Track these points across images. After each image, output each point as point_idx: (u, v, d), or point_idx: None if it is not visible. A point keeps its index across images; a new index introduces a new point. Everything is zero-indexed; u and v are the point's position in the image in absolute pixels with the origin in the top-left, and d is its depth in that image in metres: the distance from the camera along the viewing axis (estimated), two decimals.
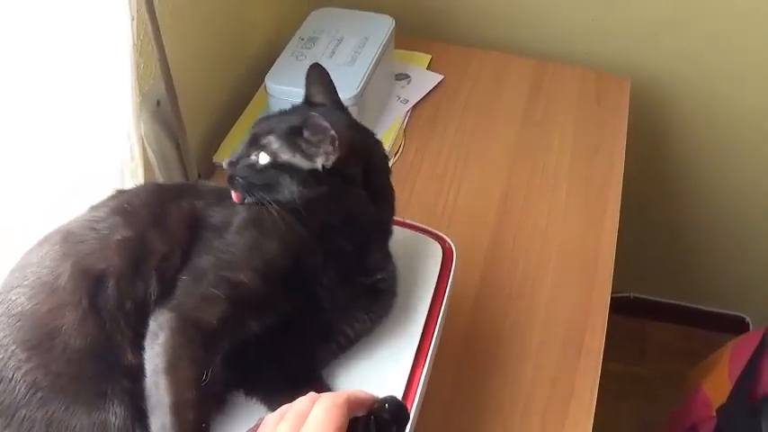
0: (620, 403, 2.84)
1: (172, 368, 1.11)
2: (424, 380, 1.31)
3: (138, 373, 1.15)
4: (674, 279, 3.20)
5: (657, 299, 3.28)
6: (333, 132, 1.22)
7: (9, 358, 1.12)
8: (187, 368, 1.12)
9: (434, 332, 1.36)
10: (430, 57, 2.41)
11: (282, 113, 1.35)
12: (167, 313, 1.15)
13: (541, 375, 1.69)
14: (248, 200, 1.27)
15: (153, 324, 1.15)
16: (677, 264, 3.15)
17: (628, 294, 3.19)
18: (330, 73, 1.52)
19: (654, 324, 3.33)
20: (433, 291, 1.40)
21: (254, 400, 1.28)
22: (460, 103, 2.30)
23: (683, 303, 3.28)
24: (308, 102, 1.40)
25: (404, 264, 1.41)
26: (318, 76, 1.41)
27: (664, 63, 2.51)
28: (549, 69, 2.43)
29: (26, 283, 1.18)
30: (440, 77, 2.34)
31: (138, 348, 1.16)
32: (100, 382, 1.13)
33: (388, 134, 2.12)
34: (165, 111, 1.73)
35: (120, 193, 1.35)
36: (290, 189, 1.25)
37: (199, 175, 1.87)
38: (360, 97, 1.94)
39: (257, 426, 1.01)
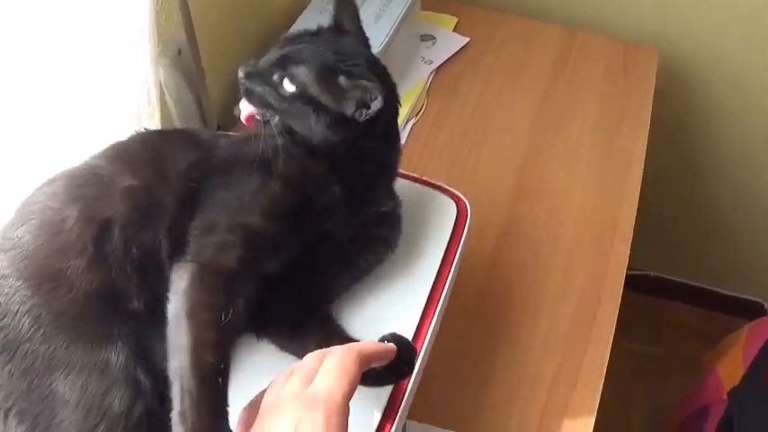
0: (633, 382, 2.83)
1: (192, 312, 1.11)
2: (431, 334, 1.30)
3: (143, 318, 1.16)
4: (695, 260, 3.16)
5: (677, 279, 3.25)
6: (378, 96, 1.21)
7: (15, 293, 1.11)
8: (207, 312, 1.11)
9: (444, 288, 1.34)
10: (456, 19, 2.39)
11: (313, 39, 1.30)
12: (186, 265, 1.15)
13: (552, 343, 1.68)
14: (259, 118, 1.26)
15: (173, 276, 1.14)
16: (698, 244, 3.11)
17: (648, 273, 3.16)
18: None
19: (672, 304, 3.30)
20: (445, 247, 1.39)
21: (266, 340, 1.28)
22: (485, 67, 2.28)
23: (702, 285, 3.25)
24: (336, 27, 1.34)
25: (418, 219, 1.40)
26: (348, 5, 1.37)
27: (692, 36, 2.47)
28: (576, 38, 2.39)
29: (32, 221, 1.18)
30: (465, 40, 2.32)
31: (145, 294, 1.16)
32: (104, 324, 1.12)
33: (410, 93, 2.10)
34: (186, 60, 1.71)
35: (119, 143, 1.32)
36: (312, 126, 1.24)
37: (218, 126, 1.86)
38: (382, 55, 1.90)
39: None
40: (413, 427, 1.51)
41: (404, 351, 1.16)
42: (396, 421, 1.19)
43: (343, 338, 1.26)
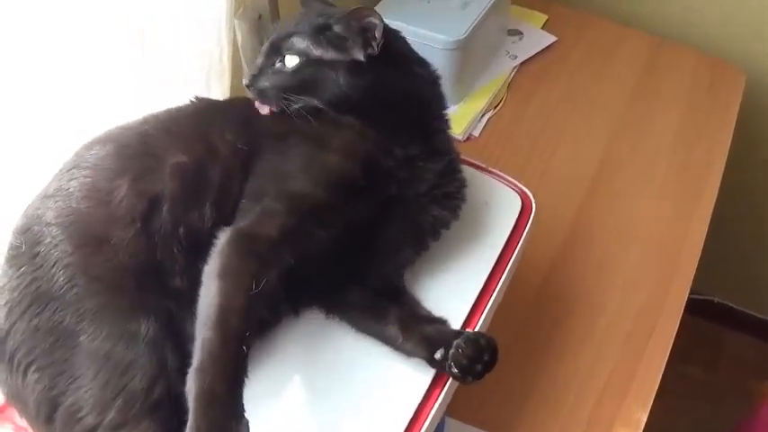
0: (682, 405, 2.76)
1: (224, 274, 1.08)
2: (481, 327, 1.27)
3: (184, 295, 1.13)
4: (762, 290, 3.07)
5: (740, 308, 3.15)
6: (374, 16, 1.20)
7: (56, 246, 1.10)
8: (238, 276, 1.08)
9: (499, 282, 1.31)
10: (546, 17, 2.35)
11: (293, 20, 1.29)
12: (228, 230, 1.12)
13: (603, 358, 1.64)
14: (286, 107, 1.23)
15: (214, 243, 1.12)
16: (766, 276, 3.02)
17: (711, 298, 3.08)
18: (440, 14, 1.46)
19: (732, 333, 3.21)
20: (504, 241, 1.35)
21: (336, 318, 1.26)
22: (570, 67, 2.23)
23: (764, 317, 3.15)
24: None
25: (481, 208, 1.38)
26: None
27: None
28: (665, 48, 2.33)
29: (84, 180, 1.17)
30: (553, 39, 2.27)
31: (188, 273, 1.14)
32: (139, 296, 1.10)
33: (490, 86, 2.07)
34: (265, 26, 1.70)
35: (171, 111, 1.31)
36: (334, 82, 1.22)
37: None
38: (465, 42, 1.89)
39: None
40: (451, 424, 1.48)
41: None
42: (431, 416, 1.16)
43: (422, 316, 1.23)
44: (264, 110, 1.26)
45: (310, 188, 1.17)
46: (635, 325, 1.69)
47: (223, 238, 1.11)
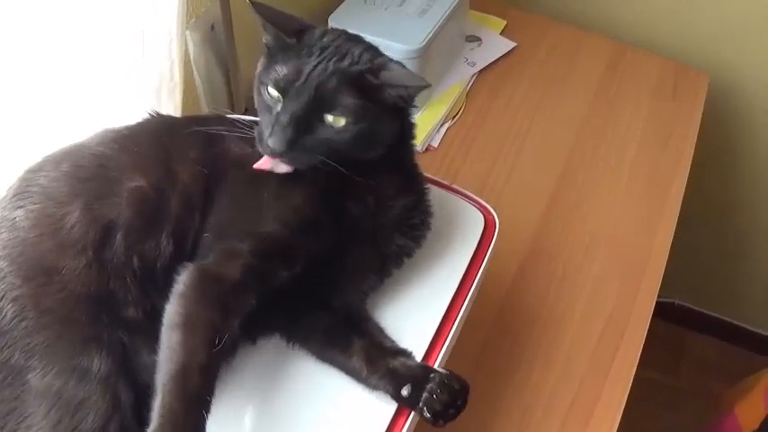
0: (645, 410, 2.74)
1: (187, 325, 1.04)
2: (446, 351, 1.23)
3: (138, 326, 1.09)
4: (723, 292, 3.07)
5: (702, 309, 3.16)
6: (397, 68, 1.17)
7: (3, 277, 1.05)
8: (202, 329, 1.04)
9: (462, 305, 1.27)
10: (505, 22, 2.31)
11: (302, 64, 1.14)
12: (190, 269, 1.08)
13: (571, 371, 1.60)
14: (313, 167, 1.15)
15: (177, 278, 1.08)
16: (729, 276, 3.02)
17: (672, 300, 3.07)
18: (397, 22, 1.41)
19: (694, 335, 3.21)
20: (468, 261, 1.31)
21: (297, 346, 1.21)
22: (530, 74, 2.20)
23: (727, 319, 3.15)
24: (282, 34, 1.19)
25: (443, 229, 1.33)
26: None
27: (744, 64, 2.38)
28: (626, 53, 2.31)
29: (32, 206, 1.11)
30: (512, 45, 2.24)
31: (142, 304, 1.10)
32: (91, 328, 1.06)
33: (449, 94, 2.03)
34: (218, 37, 1.65)
35: (129, 129, 1.25)
36: (383, 136, 1.18)
37: (246, 110, 1.79)
38: (424, 51, 1.85)
39: None
40: None
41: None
42: None
43: (387, 347, 1.19)
44: (282, 168, 1.15)
45: (277, 228, 1.13)
46: (601, 339, 1.66)
47: (185, 277, 1.07)
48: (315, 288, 1.20)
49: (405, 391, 1.13)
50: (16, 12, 1.24)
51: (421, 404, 1.12)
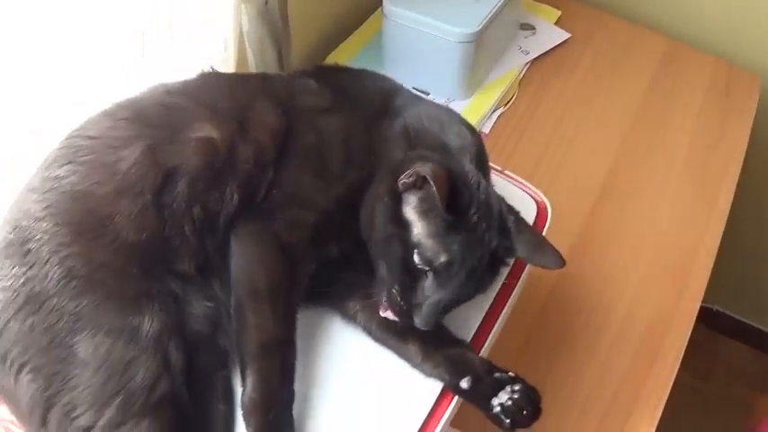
0: (674, 412, 2.72)
1: (262, 294, 1.09)
2: (490, 341, 1.24)
3: (190, 280, 1.09)
4: (762, 300, 3.02)
5: (739, 317, 3.10)
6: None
7: (49, 239, 1.04)
8: (278, 299, 1.10)
9: (511, 292, 1.27)
10: (560, 12, 2.28)
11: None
12: (255, 232, 1.11)
13: (612, 368, 1.58)
14: None
15: (239, 239, 1.11)
16: None
17: (711, 306, 3.02)
18: (453, 6, 1.39)
19: (729, 341, 3.16)
20: None
21: (349, 322, 1.23)
22: (583, 66, 2.16)
23: (765, 329, 3.10)
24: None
25: None
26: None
27: None
28: (679, 50, 2.27)
29: (81, 159, 1.10)
30: (566, 36, 2.21)
31: (197, 256, 1.10)
32: (144, 282, 1.05)
33: (501, 81, 2.01)
34: (272, 12, 1.62)
35: (197, 80, 1.25)
36: None
37: None
38: (479, 35, 1.82)
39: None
40: None
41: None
42: (439, 427, 1.13)
43: (444, 336, 1.19)
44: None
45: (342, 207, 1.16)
46: (643, 339, 1.63)
47: (254, 242, 1.11)
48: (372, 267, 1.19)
49: (464, 384, 1.14)
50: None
51: (499, 411, 1.12)
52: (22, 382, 1.01)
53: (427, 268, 1.10)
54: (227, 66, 1.50)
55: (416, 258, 1.10)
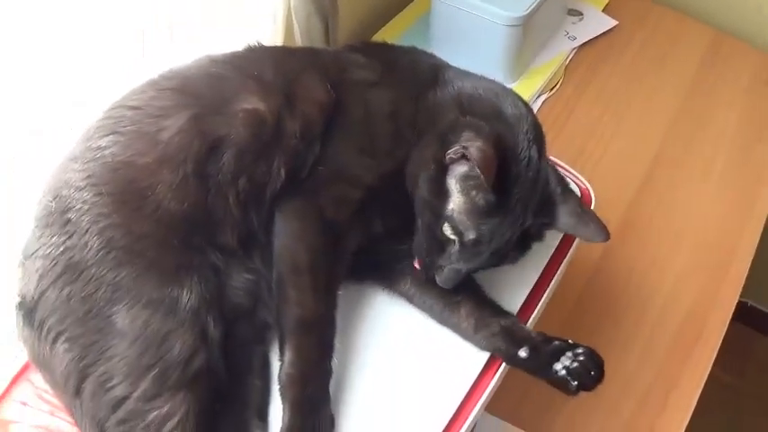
0: (707, 410, 2.71)
1: (305, 269, 1.10)
2: (534, 318, 1.24)
3: (232, 252, 1.09)
4: None
5: None
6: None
7: (89, 209, 1.03)
8: (321, 274, 1.10)
9: (552, 278, 1.27)
10: (608, 0, 2.26)
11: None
12: (299, 207, 1.12)
13: (649, 357, 1.57)
14: None
15: (284, 214, 1.11)
16: None
17: (746, 301, 2.99)
18: None
19: (762, 338, 3.13)
20: (561, 236, 1.30)
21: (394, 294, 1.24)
22: (629, 54, 2.15)
23: None
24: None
25: None
26: None
27: None
28: (725, 42, 2.24)
29: (123, 129, 1.09)
30: (613, 23, 2.19)
31: (240, 228, 1.10)
32: (184, 254, 1.05)
33: (547, 67, 2.00)
34: None
35: (245, 53, 1.24)
36: None
37: None
38: (527, 19, 1.81)
39: None
40: (486, 420, 1.42)
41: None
42: (474, 411, 1.12)
43: (494, 308, 1.20)
44: None
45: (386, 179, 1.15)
46: (680, 330, 1.62)
47: (299, 217, 1.11)
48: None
49: (523, 352, 1.14)
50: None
51: (565, 374, 1.11)
52: (57, 351, 1.02)
53: (455, 238, 1.11)
54: (275, 41, 1.51)
55: (447, 229, 1.11)
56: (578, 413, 1.48)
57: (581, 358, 1.12)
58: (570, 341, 1.14)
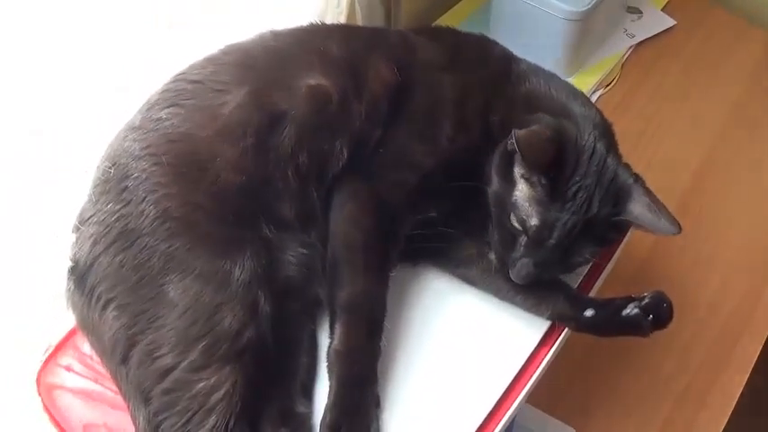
0: (745, 411, 2.69)
1: (361, 249, 1.11)
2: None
3: (289, 227, 1.10)
4: None
5: None
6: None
7: (146, 178, 1.04)
8: (377, 255, 1.12)
9: (597, 279, 1.28)
10: None
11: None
12: (359, 188, 1.12)
13: (689, 357, 1.59)
14: None
15: (343, 192, 1.12)
16: None
17: None
18: None
19: None
20: None
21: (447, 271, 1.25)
22: (686, 55, 2.14)
23: None
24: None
25: None
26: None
27: None
28: None
29: (184, 102, 1.11)
30: (672, 22, 2.18)
31: (298, 204, 1.11)
32: (238, 228, 1.06)
33: (604, 63, 2.01)
34: None
35: (309, 29, 1.25)
36: None
37: None
38: (587, 14, 1.81)
39: None
40: (527, 410, 1.44)
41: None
42: (517, 402, 1.14)
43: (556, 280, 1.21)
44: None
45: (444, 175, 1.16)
46: (722, 331, 1.63)
47: (356, 199, 1.12)
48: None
49: (589, 312, 1.15)
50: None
51: (639, 312, 1.12)
52: (107, 318, 1.03)
53: (521, 229, 1.11)
54: (340, 20, 1.52)
55: (513, 219, 1.12)
56: (617, 408, 1.50)
57: (650, 298, 1.13)
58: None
